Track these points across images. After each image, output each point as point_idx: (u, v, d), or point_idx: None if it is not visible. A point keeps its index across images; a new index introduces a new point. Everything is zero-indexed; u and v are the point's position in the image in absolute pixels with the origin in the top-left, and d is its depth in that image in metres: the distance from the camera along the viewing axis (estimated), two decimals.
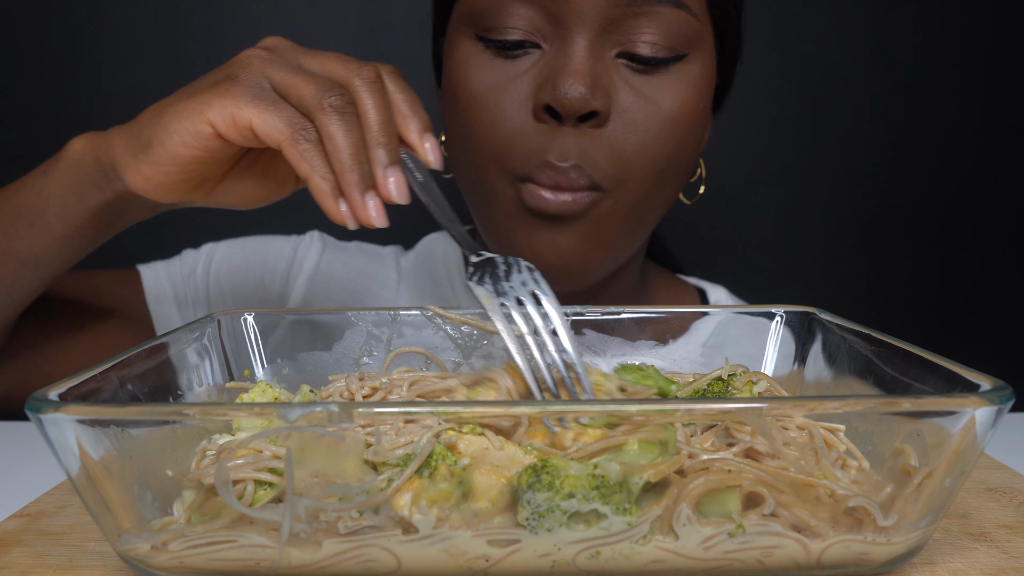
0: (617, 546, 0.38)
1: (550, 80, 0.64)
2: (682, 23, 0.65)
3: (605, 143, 0.65)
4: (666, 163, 0.67)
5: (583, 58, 0.63)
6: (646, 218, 0.70)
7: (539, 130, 0.65)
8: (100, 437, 0.37)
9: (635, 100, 0.65)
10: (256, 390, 0.50)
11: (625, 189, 0.66)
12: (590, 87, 0.63)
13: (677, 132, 0.66)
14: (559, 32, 0.64)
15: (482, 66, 0.67)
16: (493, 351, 0.59)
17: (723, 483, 0.38)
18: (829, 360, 0.55)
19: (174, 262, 0.85)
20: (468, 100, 0.67)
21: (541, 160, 0.64)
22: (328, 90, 0.49)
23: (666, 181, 0.68)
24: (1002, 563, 0.41)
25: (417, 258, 0.86)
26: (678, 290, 0.87)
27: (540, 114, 0.65)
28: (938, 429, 0.38)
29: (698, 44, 0.67)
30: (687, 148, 0.68)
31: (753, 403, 0.38)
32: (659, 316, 0.60)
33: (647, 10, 0.64)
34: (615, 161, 0.65)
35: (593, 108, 0.63)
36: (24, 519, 0.47)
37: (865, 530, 0.38)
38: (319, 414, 0.36)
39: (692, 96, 0.67)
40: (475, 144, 0.67)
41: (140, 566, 0.39)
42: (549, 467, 0.37)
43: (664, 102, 0.66)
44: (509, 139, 0.66)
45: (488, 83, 0.66)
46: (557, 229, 0.66)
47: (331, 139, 0.49)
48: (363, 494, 0.37)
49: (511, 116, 0.65)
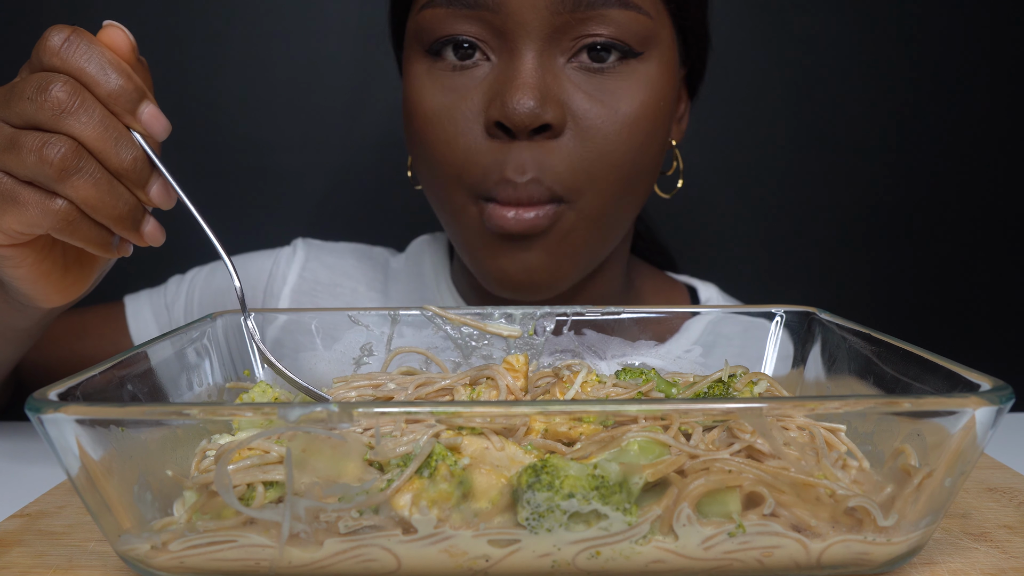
0: (617, 546, 0.38)
1: (498, 95, 0.62)
2: (632, 22, 0.63)
3: (563, 153, 0.63)
4: (630, 167, 0.65)
5: (531, 70, 0.62)
6: (615, 223, 0.69)
7: (493, 146, 0.64)
8: (100, 437, 0.37)
9: (591, 106, 0.64)
10: (256, 390, 0.50)
11: (588, 199, 0.65)
12: (539, 100, 0.61)
13: (638, 134, 0.65)
14: (506, 45, 0.63)
15: (434, 83, 0.66)
16: (492, 351, 0.59)
17: (723, 483, 0.38)
18: (829, 360, 0.55)
19: (159, 291, 0.86)
20: (422, 119, 0.66)
21: (499, 176, 0.63)
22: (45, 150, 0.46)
23: (633, 184, 0.67)
24: (1002, 563, 0.41)
25: (407, 260, 0.86)
26: (668, 289, 0.86)
27: (492, 130, 0.63)
28: (938, 429, 0.38)
29: (653, 41, 0.65)
30: (651, 148, 0.67)
31: (753, 403, 0.38)
32: (659, 316, 0.60)
33: (592, 14, 0.62)
34: (575, 170, 0.64)
35: (545, 121, 0.62)
36: (24, 519, 0.47)
37: (865, 530, 0.38)
38: (319, 414, 0.36)
39: (651, 96, 0.65)
40: (435, 162, 0.66)
41: (140, 566, 0.39)
42: (549, 467, 0.37)
43: (622, 105, 0.64)
44: (464, 156, 0.64)
45: (440, 100, 0.65)
46: (523, 247, 0.65)
47: (84, 204, 0.47)
48: (363, 494, 0.37)
49: (464, 133, 0.64)
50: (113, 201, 0.48)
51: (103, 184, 0.48)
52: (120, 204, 0.48)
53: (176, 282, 0.86)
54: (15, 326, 0.61)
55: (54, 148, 0.46)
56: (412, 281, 0.84)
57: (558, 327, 0.59)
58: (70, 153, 0.46)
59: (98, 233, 0.50)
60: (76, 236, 0.49)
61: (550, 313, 0.59)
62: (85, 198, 0.47)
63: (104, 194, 0.48)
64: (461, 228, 0.68)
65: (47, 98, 0.46)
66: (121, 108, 0.48)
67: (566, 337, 0.59)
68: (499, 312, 0.59)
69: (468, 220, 0.66)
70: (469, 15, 0.63)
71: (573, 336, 0.59)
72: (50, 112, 0.46)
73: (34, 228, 0.48)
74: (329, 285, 0.84)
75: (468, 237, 0.67)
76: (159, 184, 0.50)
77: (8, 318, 0.60)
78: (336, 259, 0.86)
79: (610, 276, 0.77)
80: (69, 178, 0.47)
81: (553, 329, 0.59)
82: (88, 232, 0.49)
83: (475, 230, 0.66)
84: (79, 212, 0.48)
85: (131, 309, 0.85)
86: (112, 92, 0.48)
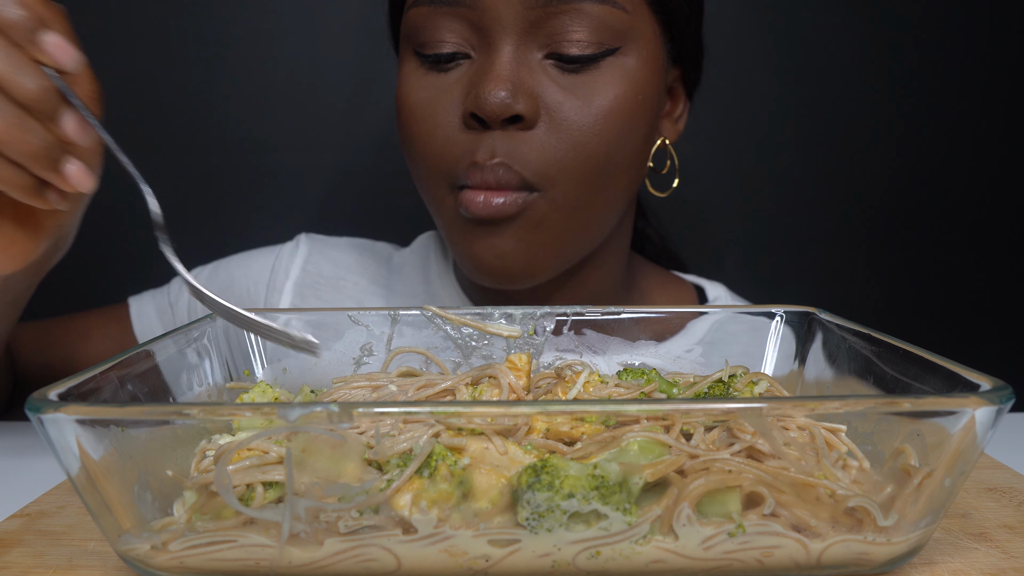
0: (617, 546, 0.38)
1: (474, 87, 0.65)
2: (607, 16, 0.64)
3: (536, 143, 0.65)
4: (605, 159, 0.66)
5: (506, 63, 0.64)
6: (593, 216, 0.69)
7: (467, 137, 0.66)
8: (100, 437, 0.37)
9: (565, 99, 0.65)
10: (256, 390, 0.50)
11: (561, 188, 0.66)
12: (511, 91, 0.63)
13: (613, 127, 0.66)
14: (484, 41, 0.65)
15: (419, 80, 0.68)
16: (493, 351, 0.59)
17: (723, 483, 0.38)
18: (829, 360, 0.55)
19: (163, 291, 0.87)
20: (406, 114, 0.69)
21: (469, 161, 0.65)
22: None
23: (610, 177, 0.67)
24: (1002, 563, 0.41)
25: (411, 255, 0.87)
26: (675, 288, 0.86)
27: (468, 121, 0.65)
28: (938, 429, 0.38)
29: (632, 35, 0.66)
30: (629, 142, 0.67)
31: (753, 403, 0.38)
32: (660, 316, 0.60)
33: (567, 8, 0.64)
34: (546, 161, 0.65)
35: (516, 112, 0.63)
36: (24, 519, 0.47)
37: (865, 530, 0.38)
38: (319, 414, 0.36)
39: (628, 89, 0.66)
40: (417, 154, 0.69)
41: (140, 566, 0.39)
42: (549, 467, 0.37)
43: (596, 99, 0.65)
44: (442, 147, 0.67)
45: (423, 96, 0.68)
46: (494, 232, 0.67)
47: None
48: (363, 494, 0.37)
49: (443, 126, 0.67)
50: (23, 135, 0.46)
51: (10, 116, 0.46)
52: (32, 138, 0.46)
53: (179, 282, 0.87)
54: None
55: None
56: (416, 276, 0.84)
57: (558, 327, 0.59)
58: None
59: (16, 174, 0.48)
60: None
61: (550, 313, 0.59)
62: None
63: (12, 128, 0.46)
64: (441, 218, 0.70)
65: None
66: (21, 38, 0.46)
67: (566, 337, 0.59)
68: (499, 312, 0.59)
69: (446, 210, 0.69)
70: (450, 12, 0.65)
71: (573, 336, 0.60)
72: None
73: None
74: (332, 279, 0.84)
75: (447, 225, 0.70)
76: (74, 118, 0.48)
77: None
78: (339, 253, 0.86)
79: (606, 271, 0.77)
80: None
81: (553, 329, 0.59)
82: (4, 172, 0.47)
83: (452, 218, 0.68)
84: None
85: (135, 309, 0.86)
86: (10, 20, 0.46)
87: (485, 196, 0.65)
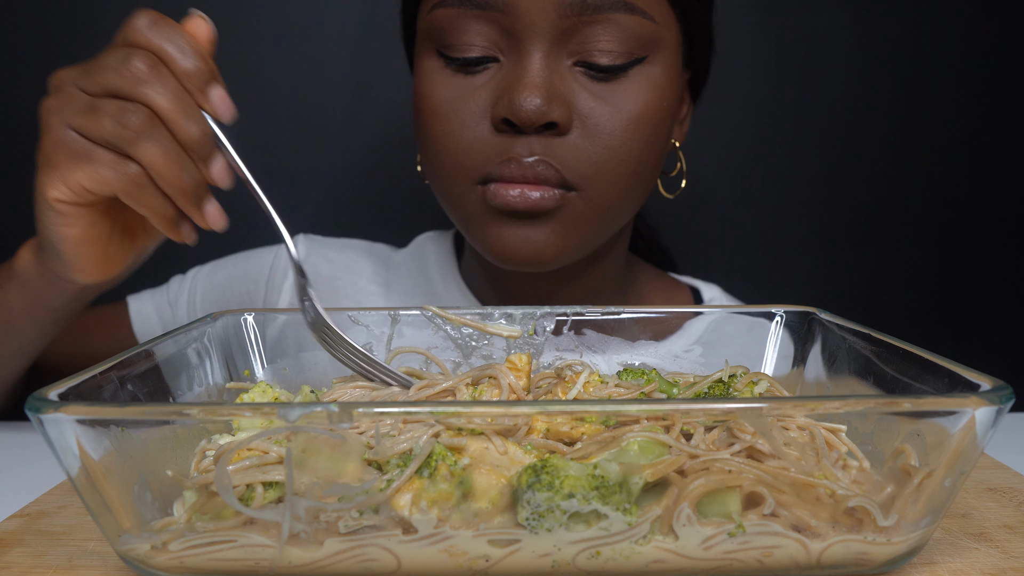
0: (617, 546, 0.38)
1: (506, 93, 0.64)
2: (637, 27, 0.65)
3: (571, 147, 0.65)
4: (636, 164, 0.67)
5: (538, 70, 0.64)
6: (620, 215, 0.71)
7: (499, 139, 0.66)
8: (100, 437, 0.37)
9: (596, 105, 0.65)
10: (256, 390, 0.50)
11: (598, 188, 0.67)
12: (546, 98, 0.63)
13: (643, 133, 0.67)
14: (515, 45, 0.65)
15: (444, 81, 0.68)
16: (493, 351, 0.59)
17: (723, 483, 0.38)
18: (829, 360, 0.55)
19: (161, 290, 0.88)
20: (430, 113, 0.68)
21: (504, 157, 0.65)
22: (123, 115, 0.50)
23: (640, 179, 0.69)
24: (1002, 563, 0.41)
25: (409, 255, 0.87)
26: (671, 289, 0.87)
27: (500, 125, 0.65)
28: (938, 429, 0.38)
29: (657, 45, 0.67)
30: (655, 147, 0.69)
31: (754, 403, 0.38)
32: (660, 316, 0.60)
33: (599, 18, 0.64)
34: (583, 162, 0.66)
35: (551, 119, 0.64)
36: (24, 519, 0.47)
37: (865, 530, 0.38)
38: (319, 414, 0.36)
39: (655, 97, 0.67)
40: (439, 151, 0.68)
41: (140, 566, 0.39)
42: (549, 467, 0.37)
43: (626, 105, 0.66)
44: (469, 146, 0.67)
45: (448, 96, 0.67)
46: (528, 225, 0.67)
47: (153, 169, 0.50)
48: (363, 494, 0.37)
49: (471, 127, 0.66)
50: (179, 171, 0.51)
51: (171, 153, 0.50)
52: (185, 176, 0.51)
53: (178, 281, 0.88)
54: (45, 303, 0.63)
55: (131, 113, 0.50)
56: (414, 276, 0.84)
57: (558, 327, 0.59)
58: (145, 119, 0.50)
59: (162, 203, 0.52)
60: (142, 202, 0.52)
61: (550, 313, 0.59)
62: (154, 163, 0.50)
63: (172, 163, 0.50)
64: (463, 209, 0.69)
65: (128, 68, 0.50)
66: (194, 86, 0.51)
67: (566, 337, 0.60)
68: (499, 312, 0.59)
69: (469, 203, 0.68)
70: (480, 15, 0.65)
71: (573, 336, 0.60)
72: (130, 81, 0.50)
73: (103, 187, 0.51)
74: (330, 278, 0.84)
75: (471, 216, 0.69)
76: (222, 163, 0.53)
77: (39, 291, 0.61)
78: (337, 253, 0.87)
79: (606, 267, 0.77)
80: (142, 142, 0.50)
81: (553, 329, 0.59)
82: (153, 200, 0.52)
83: (477, 207, 0.68)
84: (147, 178, 0.51)
85: (134, 308, 0.86)
86: (187, 70, 0.51)
87: (521, 189, 0.65)
